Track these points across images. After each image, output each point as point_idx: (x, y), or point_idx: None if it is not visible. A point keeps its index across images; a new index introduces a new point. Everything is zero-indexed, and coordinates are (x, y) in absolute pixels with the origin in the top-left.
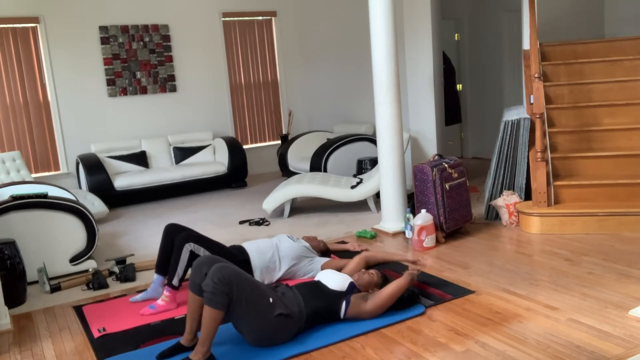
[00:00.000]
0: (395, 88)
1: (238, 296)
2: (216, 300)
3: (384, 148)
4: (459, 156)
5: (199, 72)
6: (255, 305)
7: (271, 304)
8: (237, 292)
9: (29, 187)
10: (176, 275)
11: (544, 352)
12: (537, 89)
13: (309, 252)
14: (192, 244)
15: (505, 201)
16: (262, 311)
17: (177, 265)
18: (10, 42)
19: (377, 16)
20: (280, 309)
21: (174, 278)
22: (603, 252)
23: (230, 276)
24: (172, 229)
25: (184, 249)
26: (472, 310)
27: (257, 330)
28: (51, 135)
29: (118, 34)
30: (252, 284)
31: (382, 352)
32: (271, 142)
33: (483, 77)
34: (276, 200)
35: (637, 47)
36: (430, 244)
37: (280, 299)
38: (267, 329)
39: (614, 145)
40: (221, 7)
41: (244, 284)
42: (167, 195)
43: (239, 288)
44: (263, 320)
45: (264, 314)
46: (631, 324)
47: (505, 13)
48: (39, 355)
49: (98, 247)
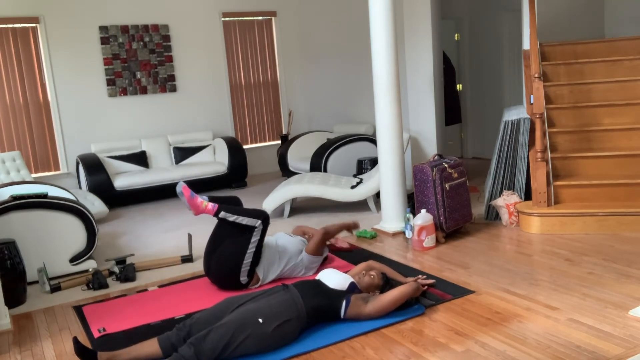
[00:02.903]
0: (395, 88)
1: (235, 346)
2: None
3: (384, 148)
4: (459, 156)
5: (199, 72)
6: (252, 338)
7: (262, 323)
8: (231, 346)
9: (29, 187)
10: (230, 214)
11: (544, 352)
12: (537, 89)
13: (304, 245)
14: (262, 224)
15: (505, 201)
16: (259, 335)
17: (240, 214)
18: (10, 42)
19: (377, 16)
20: (275, 322)
21: (226, 212)
22: (603, 252)
23: (217, 344)
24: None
25: (256, 220)
26: (472, 310)
27: (261, 348)
28: (51, 135)
29: (118, 34)
30: (237, 325)
31: (382, 352)
32: (271, 142)
33: (483, 77)
34: (276, 200)
35: (637, 47)
36: (430, 244)
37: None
38: (269, 342)
39: (614, 145)
40: (221, 7)
41: (233, 334)
42: (167, 195)
43: (231, 342)
44: (263, 339)
45: (262, 336)
46: (631, 324)
47: (505, 13)
48: (39, 355)
49: (98, 247)
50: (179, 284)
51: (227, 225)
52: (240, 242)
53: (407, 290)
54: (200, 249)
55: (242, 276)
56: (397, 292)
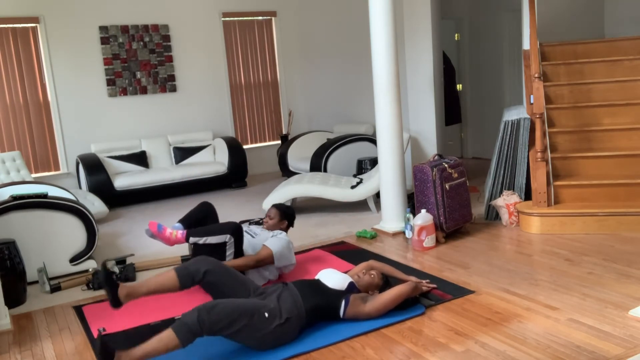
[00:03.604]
0: (395, 88)
1: (235, 329)
2: (187, 337)
3: (384, 148)
4: (459, 156)
5: (199, 72)
6: (253, 328)
7: (267, 318)
8: (233, 327)
9: (29, 187)
10: (199, 237)
11: (544, 352)
12: (537, 89)
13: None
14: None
15: (505, 201)
16: (261, 329)
17: (207, 234)
18: (10, 42)
19: (377, 16)
20: (277, 320)
21: (194, 236)
22: (603, 252)
23: (222, 318)
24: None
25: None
26: (472, 310)
27: (261, 343)
28: (51, 135)
29: (118, 34)
30: (245, 309)
31: (382, 352)
32: (271, 142)
33: (483, 77)
34: (276, 200)
35: (637, 47)
36: (430, 244)
37: (275, 307)
38: (270, 339)
39: (614, 145)
40: (221, 7)
41: (239, 317)
42: (167, 195)
43: (234, 323)
44: (264, 334)
45: (263, 330)
46: (631, 324)
47: (505, 13)
48: (39, 355)
49: (98, 247)
50: None
51: (201, 246)
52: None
53: (406, 290)
54: None
55: None
56: (395, 291)
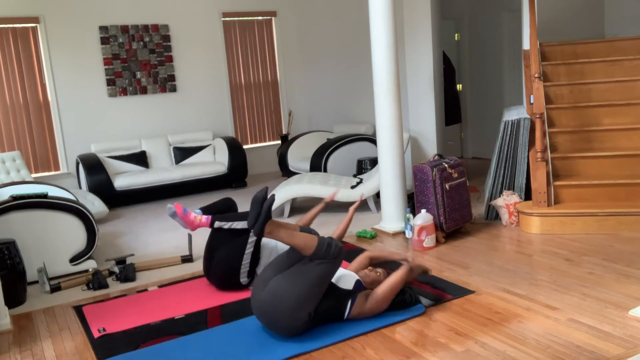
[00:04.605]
0: (395, 88)
1: (323, 279)
2: (321, 248)
3: (384, 148)
4: (459, 156)
5: (199, 72)
6: (318, 297)
7: (323, 302)
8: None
9: (29, 187)
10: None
11: (544, 352)
12: (537, 89)
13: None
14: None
15: (505, 201)
16: (314, 303)
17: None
18: (10, 42)
19: (377, 16)
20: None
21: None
22: (603, 252)
23: (337, 265)
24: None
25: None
26: (472, 310)
27: (295, 318)
28: (51, 135)
29: (118, 34)
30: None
31: (382, 352)
32: (271, 142)
33: (483, 77)
34: (276, 200)
35: (637, 47)
36: (430, 244)
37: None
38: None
39: (614, 145)
40: (221, 7)
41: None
42: (167, 195)
43: (331, 273)
44: (307, 312)
45: (311, 307)
46: (631, 324)
47: (505, 13)
48: (39, 355)
49: (98, 247)
50: (179, 284)
51: (224, 231)
52: (238, 244)
53: (401, 275)
54: (200, 249)
55: (242, 277)
56: (392, 279)
